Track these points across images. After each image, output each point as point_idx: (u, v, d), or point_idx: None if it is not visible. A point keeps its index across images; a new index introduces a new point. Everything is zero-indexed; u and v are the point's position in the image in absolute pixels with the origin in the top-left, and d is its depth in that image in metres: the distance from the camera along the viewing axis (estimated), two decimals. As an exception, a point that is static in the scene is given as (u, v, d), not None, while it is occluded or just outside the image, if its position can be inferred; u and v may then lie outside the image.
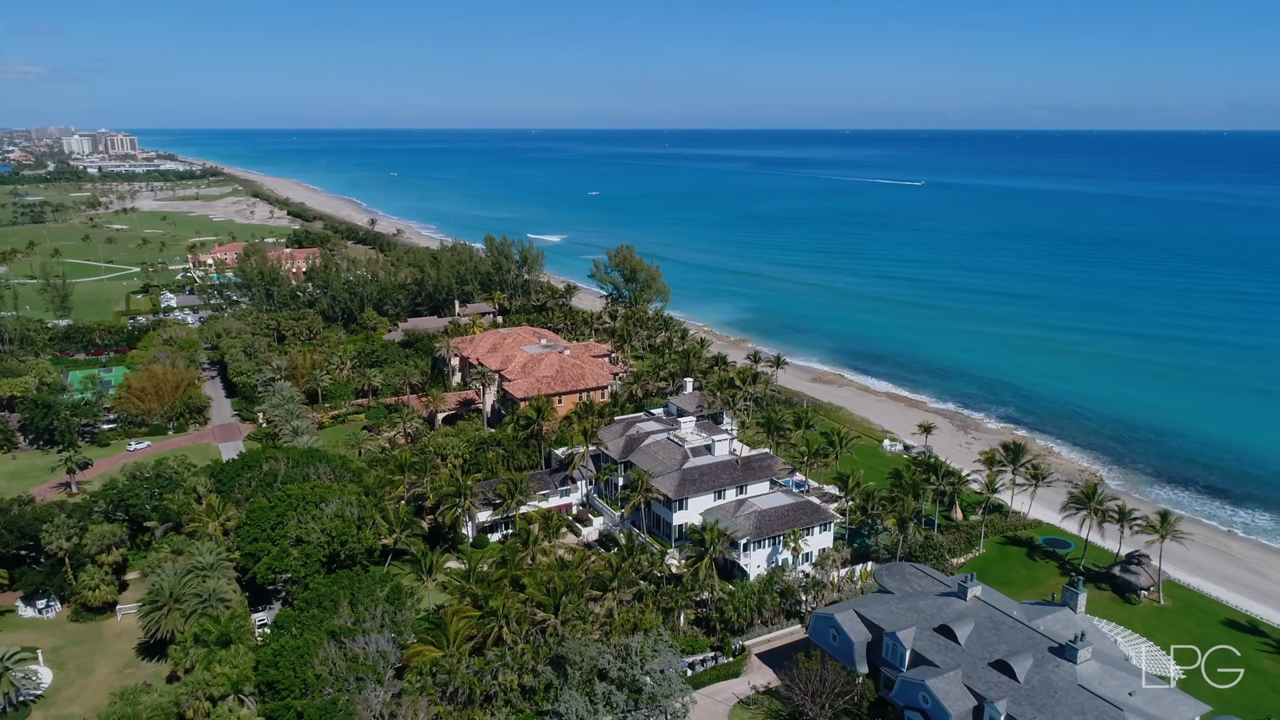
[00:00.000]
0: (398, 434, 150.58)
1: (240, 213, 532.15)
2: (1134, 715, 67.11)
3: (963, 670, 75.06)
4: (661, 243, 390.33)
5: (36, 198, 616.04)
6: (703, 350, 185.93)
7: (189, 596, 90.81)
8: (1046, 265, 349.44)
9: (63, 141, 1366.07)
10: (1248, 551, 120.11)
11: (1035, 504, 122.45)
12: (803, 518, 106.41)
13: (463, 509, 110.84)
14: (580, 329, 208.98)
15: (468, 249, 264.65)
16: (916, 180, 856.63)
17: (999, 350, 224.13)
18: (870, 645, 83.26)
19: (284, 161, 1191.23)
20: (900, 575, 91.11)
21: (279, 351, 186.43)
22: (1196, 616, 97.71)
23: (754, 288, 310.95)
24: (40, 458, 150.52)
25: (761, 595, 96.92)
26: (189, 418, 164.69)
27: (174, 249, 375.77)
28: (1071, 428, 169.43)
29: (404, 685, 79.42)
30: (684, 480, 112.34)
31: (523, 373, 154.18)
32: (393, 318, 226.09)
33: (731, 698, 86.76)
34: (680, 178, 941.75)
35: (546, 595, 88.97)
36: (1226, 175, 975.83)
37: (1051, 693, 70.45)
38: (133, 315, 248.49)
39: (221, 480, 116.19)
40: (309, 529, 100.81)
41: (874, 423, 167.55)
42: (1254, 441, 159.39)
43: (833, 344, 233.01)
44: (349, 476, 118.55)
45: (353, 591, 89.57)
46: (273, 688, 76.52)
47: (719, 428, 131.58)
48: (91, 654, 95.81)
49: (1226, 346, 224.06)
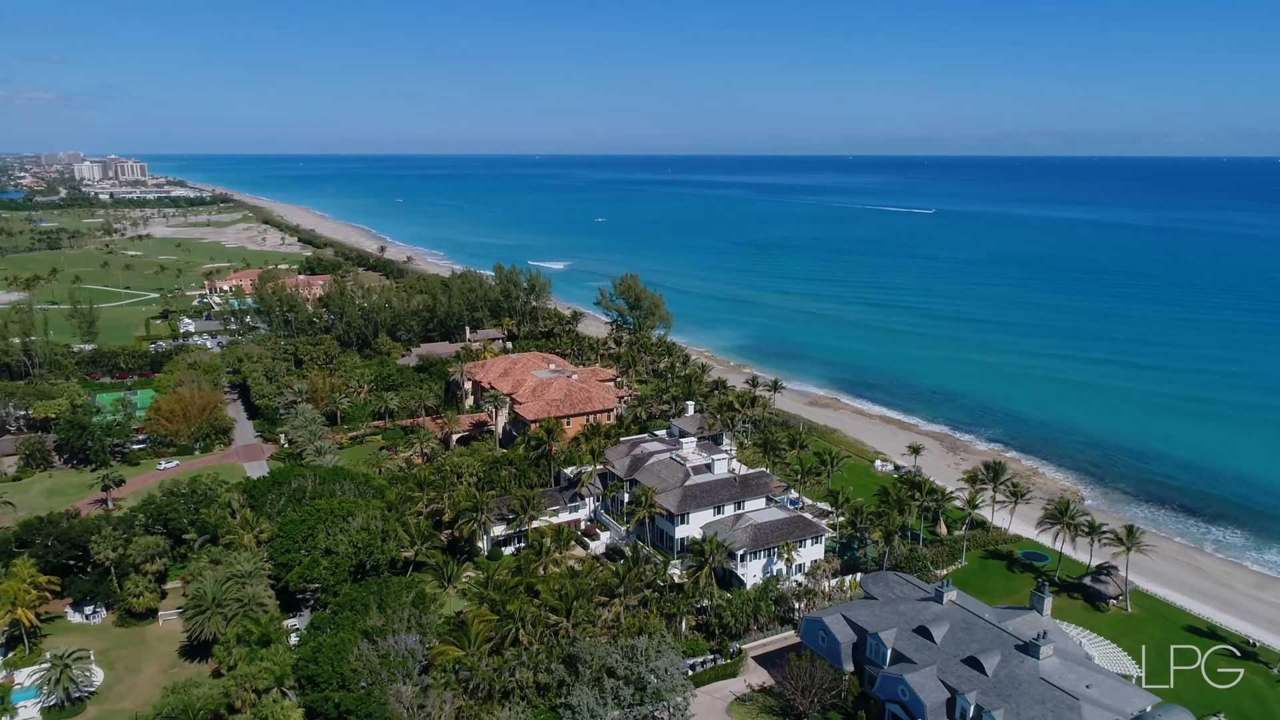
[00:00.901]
0: (414, 454, 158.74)
1: (252, 239, 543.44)
2: (1089, 704, 74.76)
3: (937, 666, 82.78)
4: (664, 270, 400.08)
5: (51, 224, 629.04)
6: (703, 375, 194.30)
7: (230, 601, 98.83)
8: (1038, 294, 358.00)
9: (73, 167, 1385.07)
10: (1215, 565, 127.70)
11: (1016, 520, 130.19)
12: (796, 531, 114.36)
13: (479, 523, 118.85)
14: (587, 354, 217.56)
15: (478, 277, 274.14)
16: (928, 208, 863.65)
17: (989, 376, 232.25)
18: (856, 646, 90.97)
19: (292, 188, 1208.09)
20: (884, 583, 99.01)
21: (299, 375, 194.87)
22: (1160, 623, 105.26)
23: (754, 315, 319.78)
24: (75, 476, 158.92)
25: (757, 603, 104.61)
26: (214, 438, 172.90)
27: (189, 275, 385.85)
28: (1056, 450, 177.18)
29: (430, 681, 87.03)
30: (685, 496, 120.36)
31: (533, 396, 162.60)
32: (406, 343, 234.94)
33: (729, 695, 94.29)
34: (682, 204, 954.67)
35: (559, 600, 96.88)
36: (1222, 202, 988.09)
37: (1016, 685, 78.18)
38: (154, 340, 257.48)
39: (254, 496, 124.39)
40: (337, 540, 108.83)
41: (867, 444, 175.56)
42: (1228, 465, 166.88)
43: (830, 369, 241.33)
44: (372, 493, 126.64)
45: (381, 597, 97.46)
46: (312, 681, 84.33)
47: (718, 448, 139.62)
48: (137, 656, 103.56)
49: (1205, 374, 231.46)
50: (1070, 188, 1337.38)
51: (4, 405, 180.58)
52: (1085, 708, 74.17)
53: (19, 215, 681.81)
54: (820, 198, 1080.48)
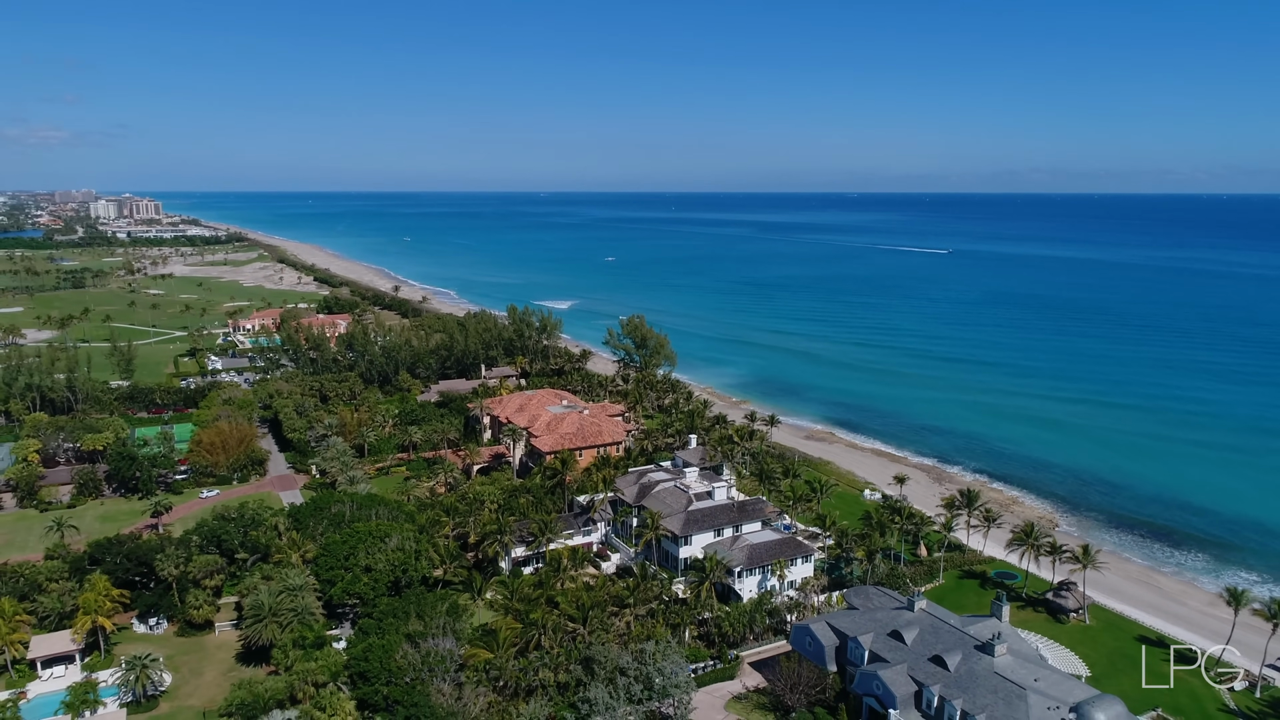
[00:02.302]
0: (438, 483, 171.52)
1: (269, 278, 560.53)
2: (1034, 694, 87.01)
3: (908, 664, 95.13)
4: (667, 310, 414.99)
5: (72, 262, 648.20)
6: (705, 410, 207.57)
7: (284, 611, 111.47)
8: (1025, 336, 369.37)
9: (89, 206, 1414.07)
10: (1173, 585, 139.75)
11: (989, 543, 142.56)
12: (788, 551, 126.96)
13: (502, 544, 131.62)
14: (596, 391, 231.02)
15: (492, 317, 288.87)
16: (943, 248, 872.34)
17: (975, 413, 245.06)
18: (838, 649, 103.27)
19: (303, 226, 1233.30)
20: (864, 595, 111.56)
21: (327, 410, 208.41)
22: (1114, 633, 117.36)
23: (754, 353, 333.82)
24: (124, 504, 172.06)
25: (753, 615, 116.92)
26: (251, 469, 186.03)
27: (211, 314, 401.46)
28: (1034, 481, 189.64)
29: (464, 679, 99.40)
30: (688, 520, 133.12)
31: (548, 430, 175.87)
32: (425, 380, 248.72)
33: (727, 695, 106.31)
34: (685, 243, 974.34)
35: (576, 610, 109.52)
36: (1217, 240, 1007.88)
37: (974, 679, 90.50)
38: (184, 376, 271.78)
39: (298, 520, 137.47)
40: (375, 559, 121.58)
41: (859, 475, 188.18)
42: (1194, 498, 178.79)
43: (826, 405, 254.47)
44: (403, 517, 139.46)
45: (419, 607, 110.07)
46: (363, 676, 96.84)
47: (719, 477, 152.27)
48: (199, 661, 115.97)
49: (1177, 413, 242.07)
50: (1068, 226, 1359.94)
51: (55, 438, 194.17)
52: (1031, 696, 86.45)
53: (40, 254, 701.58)
54: (821, 236, 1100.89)
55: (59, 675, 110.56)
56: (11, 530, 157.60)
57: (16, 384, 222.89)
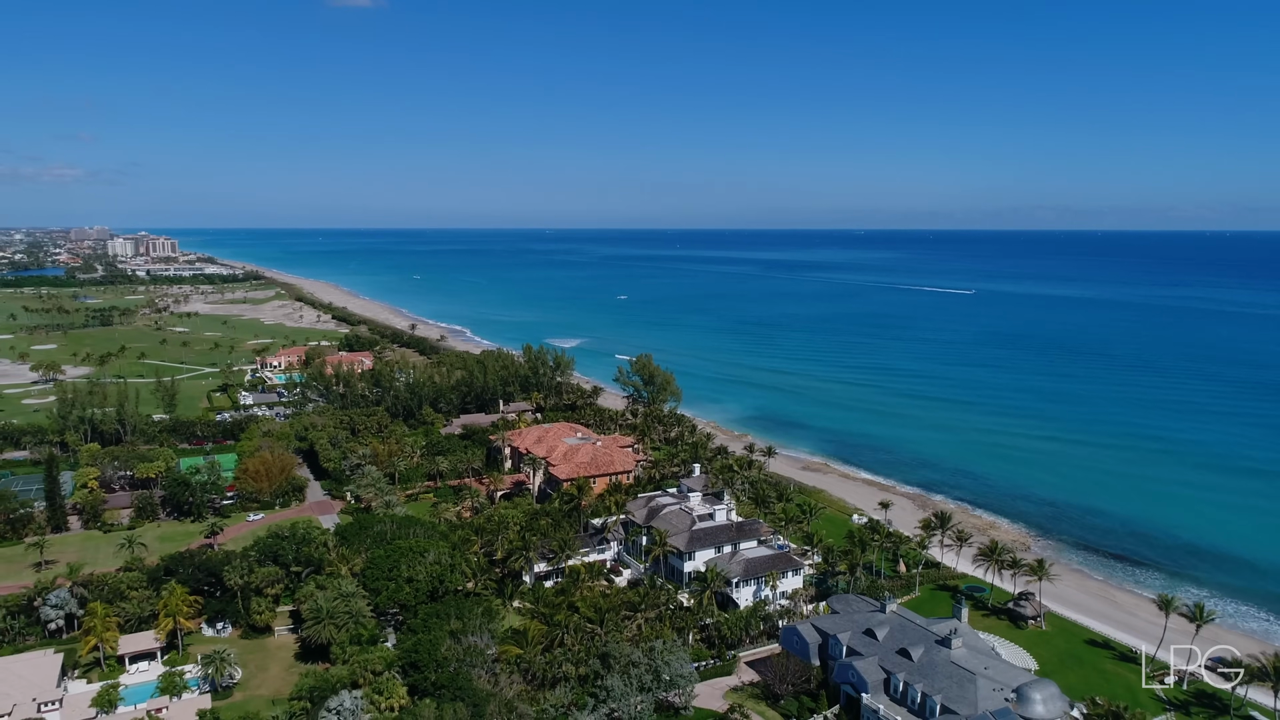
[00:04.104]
0: (464, 508, 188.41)
1: (288, 316, 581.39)
2: (983, 679, 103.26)
3: (878, 657, 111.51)
4: (673, 347, 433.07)
5: (96, 300, 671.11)
6: (708, 442, 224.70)
7: (340, 614, 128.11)
8: (1013, 376, 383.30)
9: (106, 244, 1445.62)
10: (1127, 599, 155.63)
11: (961, 560, 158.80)
12: (780, 565, 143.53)
13: (527, 559, 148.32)
14: (607, 424, 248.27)
15: (509, 355, 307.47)
16: (967, 289, 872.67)
17: (961, 448, 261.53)
18: (821, 646, 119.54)
19: (315, 263, 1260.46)
20: (845, 602, 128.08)
21: (359, 442, 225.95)
22: (1066, 637, 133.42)
23: (756, 390, 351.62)
24: (178, 526, 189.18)
25: (748, 620, 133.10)
26: (291, 495, 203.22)
27: (238, 351, 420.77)
28: (1012, 508, 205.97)
29: (499, 669, 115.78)
30: (692, 538, 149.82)
31: (564, 459, 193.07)
32: (447, 414, 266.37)
33: (725, 687, 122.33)
34: (690, 281, 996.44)
35: (595, 614, 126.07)
36: (1214, 278, 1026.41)
37: (933, 667, 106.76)
38: (218, 411, 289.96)
39: (345, 537, 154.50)
40: (416, 570, 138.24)
41: (849, 502, 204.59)
42: (1155, 524, 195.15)
43: (821, 438, 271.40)
44: (438, 536, 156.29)
45: (458, 610, 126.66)
46: (414, 666, 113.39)
47: (720, 502, 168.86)
48: (263, 659, 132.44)
49: (1141, 451, 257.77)
50: (1068, 263, 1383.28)
51: (110, 466, 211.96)
52: (980, 680, 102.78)
53: (66, 292, 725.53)
54: (825, 274, 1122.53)
55: (143, 670, 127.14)
56: (81, 548, 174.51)
57: (71, 417, 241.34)
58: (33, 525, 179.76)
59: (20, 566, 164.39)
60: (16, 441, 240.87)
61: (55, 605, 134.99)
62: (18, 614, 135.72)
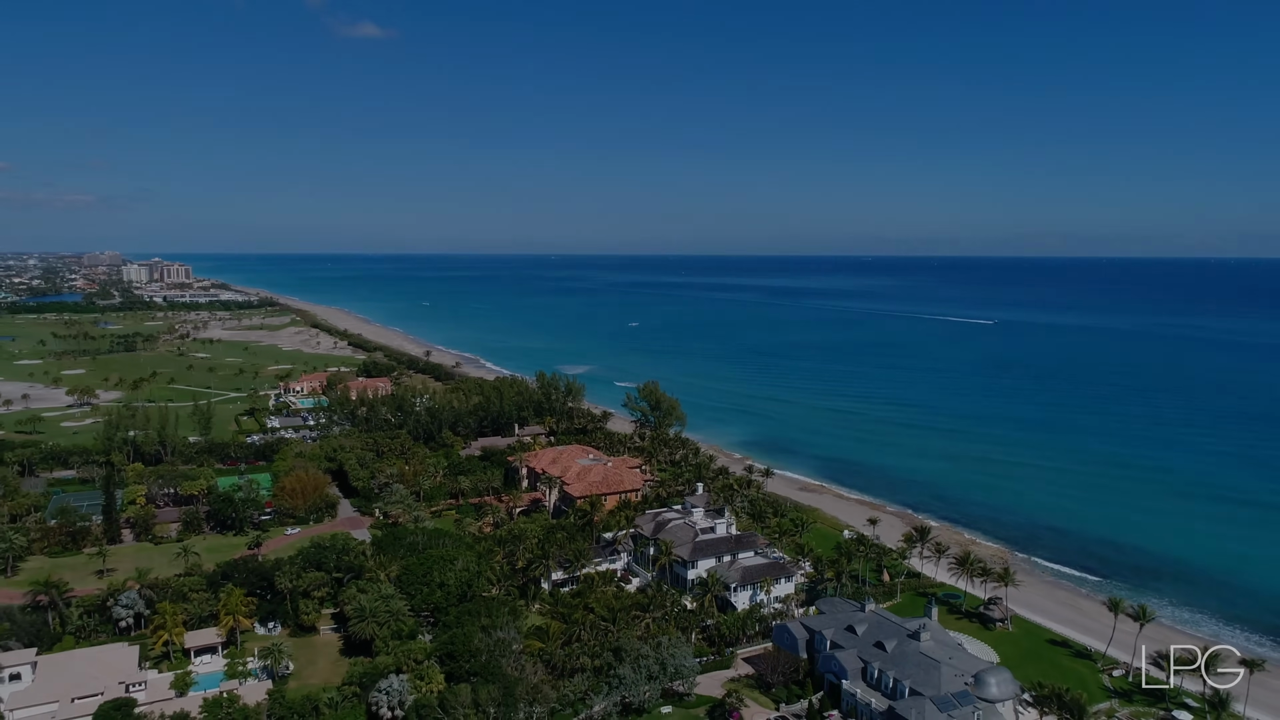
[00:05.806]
0: (485, 523, 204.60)
1: (305, 342, 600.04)
2: (947, 666, 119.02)
3: (858, 649, 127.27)
4: (678, 374, 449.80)
5: (116, 326, 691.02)
6: (711, 464, 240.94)
7: (381, 613, 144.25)
8: (1006, 404, 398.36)
9: (120, 270, 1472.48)
10: (1092, 606, 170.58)
11: (940, 571, 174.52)
12: (774, 572, 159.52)
13: (546, 567, 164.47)
14: (617, 447, 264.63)
15: (523, 382, 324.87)
16: (988, 319, 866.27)
17: (948, 471, 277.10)
18: (808, 641, 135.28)
19: (327, 290, 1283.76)
20: (831, 604, 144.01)
21: (386, 462, 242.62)
22: (1030, 638, 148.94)
23: (758, 415, 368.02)
24: (222, 539, 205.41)
25: (745, 621, 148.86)
26: (324, 511, 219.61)
27: (261, 376, 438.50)
28: (994, 524, 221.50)
29: (524, 660, 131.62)
30: (695, 549, 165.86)
31: (578, 479, 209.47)
32: (465, 437, 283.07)
33: (724, 679, 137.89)
34: (696, 309, 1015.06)
35: (608, 613, 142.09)
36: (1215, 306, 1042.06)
37: (904, 657, 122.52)
38: (247, 433, 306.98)
39: (381, 547, 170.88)
40: (447, 576, 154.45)
41: (841, 519, 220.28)
42: (1124, 542, 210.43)
43: (817, 461, 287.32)
44: (464, 547, 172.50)
45: (486, 609, 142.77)
46: (450, 656, 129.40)
47: (720, 517, 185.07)
48: (311, 654, 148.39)
49: (1118, 477, 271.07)
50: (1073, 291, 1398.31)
51: (155, 484, 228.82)
52: (943, 668, 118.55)
53: (87, 318, 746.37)
54: (828, 301, 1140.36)
55: (206, 661, 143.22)
56: (135, 557, 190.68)
57: (116, 439, 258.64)
58: (90, 537, 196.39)
59: (83, 574, 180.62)
60: (64, 461, 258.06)
61: (126, 605, 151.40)
62: (92, 613, 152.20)
